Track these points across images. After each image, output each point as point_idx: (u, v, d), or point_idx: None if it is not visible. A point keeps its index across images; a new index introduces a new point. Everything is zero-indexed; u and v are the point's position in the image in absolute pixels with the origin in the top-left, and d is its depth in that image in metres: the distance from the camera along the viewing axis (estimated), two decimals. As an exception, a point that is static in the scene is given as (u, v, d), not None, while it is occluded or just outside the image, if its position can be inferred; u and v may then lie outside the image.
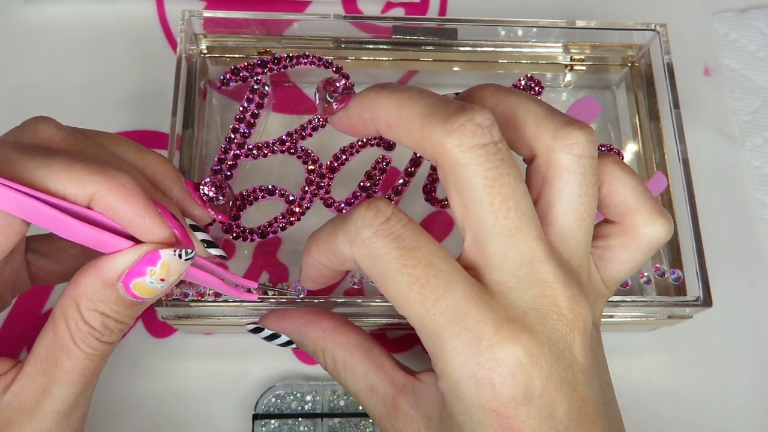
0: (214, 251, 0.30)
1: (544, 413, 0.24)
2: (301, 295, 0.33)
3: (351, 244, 0.26)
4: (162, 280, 0.26)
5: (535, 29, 0.40)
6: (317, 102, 0.30)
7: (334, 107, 0.29)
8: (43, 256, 0.30)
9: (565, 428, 0.25)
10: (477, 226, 0.25)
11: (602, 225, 0.29)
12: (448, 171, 0.25)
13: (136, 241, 0.26)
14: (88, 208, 0.25)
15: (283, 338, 0.32)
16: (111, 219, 0.25)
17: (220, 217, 0.33)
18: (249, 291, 0.32)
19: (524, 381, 0.24)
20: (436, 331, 0.24)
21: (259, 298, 0.32)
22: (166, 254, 0.25)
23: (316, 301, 0.34)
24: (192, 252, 0.26)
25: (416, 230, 0.25)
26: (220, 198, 0.32)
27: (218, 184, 0.32)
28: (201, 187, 0.32)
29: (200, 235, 0.30)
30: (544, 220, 0.27)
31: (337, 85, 0.29)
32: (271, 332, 0.32)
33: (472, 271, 0.26)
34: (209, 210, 0.32)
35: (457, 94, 0.30)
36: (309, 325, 0.31)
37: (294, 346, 0.32)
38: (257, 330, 0.33)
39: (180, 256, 0.26)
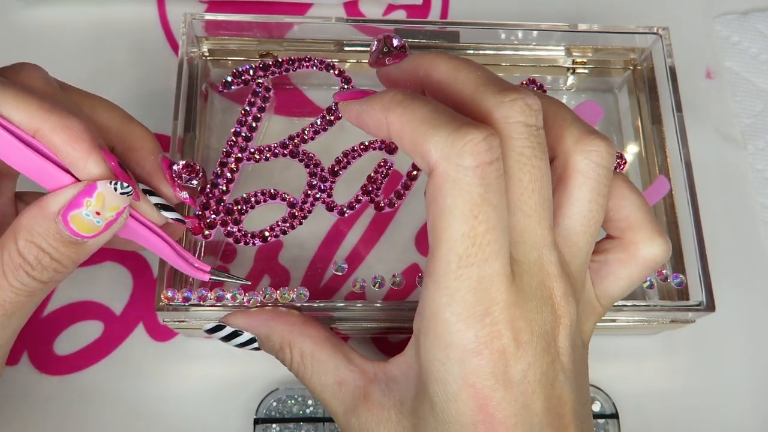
0: (169, 214, 0.30)
1: (520, 401, 0.25)
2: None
3: (442, 155, 0.24)
4: (98, 213, 0.26)
5: (537, 32, 0.40)
6: (372, 50, 0.30)
7: (387, 61, 0.30)
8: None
9: (539, 421, 0.25)
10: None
11: (602, 241, 0.30)
12: None
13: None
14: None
15: (243, 338, 0.31)
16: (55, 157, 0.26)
17: (187, 199, 0.31)
18: (199, 270, 0.31)
19: (509, 363, 0.24)
20: (450, 290, 0.24)
21: (210, 279, 0.32)
22: (102, 185, 0.26)
23: (315, 305, 0.33)
24: (128, 187, 0.27)
25: (503, 189, 0.24)
26: (193, 181, 0.31)
27: (192, 165, 0.31)
28: (174, 165, 0.31)
29: (154, 199, 0.30)
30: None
31: (396, 43, 0.30)
32: (230, 331, 0.32)
33: None
34: (176, 189, 0.31)
35: None
36: (276, 319, 0.31)
37: (253, 346, 0.32)
38: (216, 329, 0.32)
39: (116, 188, 0.26)
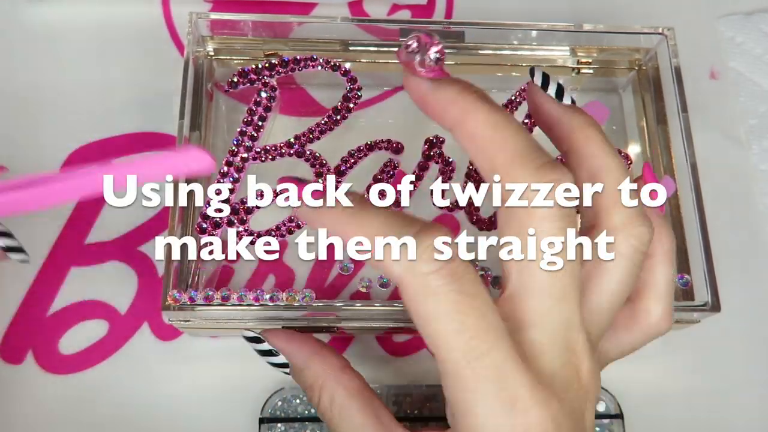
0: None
1: None
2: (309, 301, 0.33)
3: (404, 269, 0.24)
4: None
5: (541, 32, 0.40)
6: (408, 49, 0.27)
7: (416, 66, 0.27)
8: None
9: None
10: (527, 279, 0.25)
11: None
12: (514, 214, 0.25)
13: None
14: None
15: (277, 359, 0.32)
16: None
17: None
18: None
19: None
20: (471, 385, 0.24)
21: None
22: None
23: (320, 304, 0.33)
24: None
25: (475, 276, 0.24)
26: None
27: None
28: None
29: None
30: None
31: (434, 55, 0.27)
32: (267, 349, 0.32)
33: (505, 323, 0.25)
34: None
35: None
36: (316, 356, 0.31)
37: (286, 370, 0.32)
38: (254, 340, 0.32)
39: None
